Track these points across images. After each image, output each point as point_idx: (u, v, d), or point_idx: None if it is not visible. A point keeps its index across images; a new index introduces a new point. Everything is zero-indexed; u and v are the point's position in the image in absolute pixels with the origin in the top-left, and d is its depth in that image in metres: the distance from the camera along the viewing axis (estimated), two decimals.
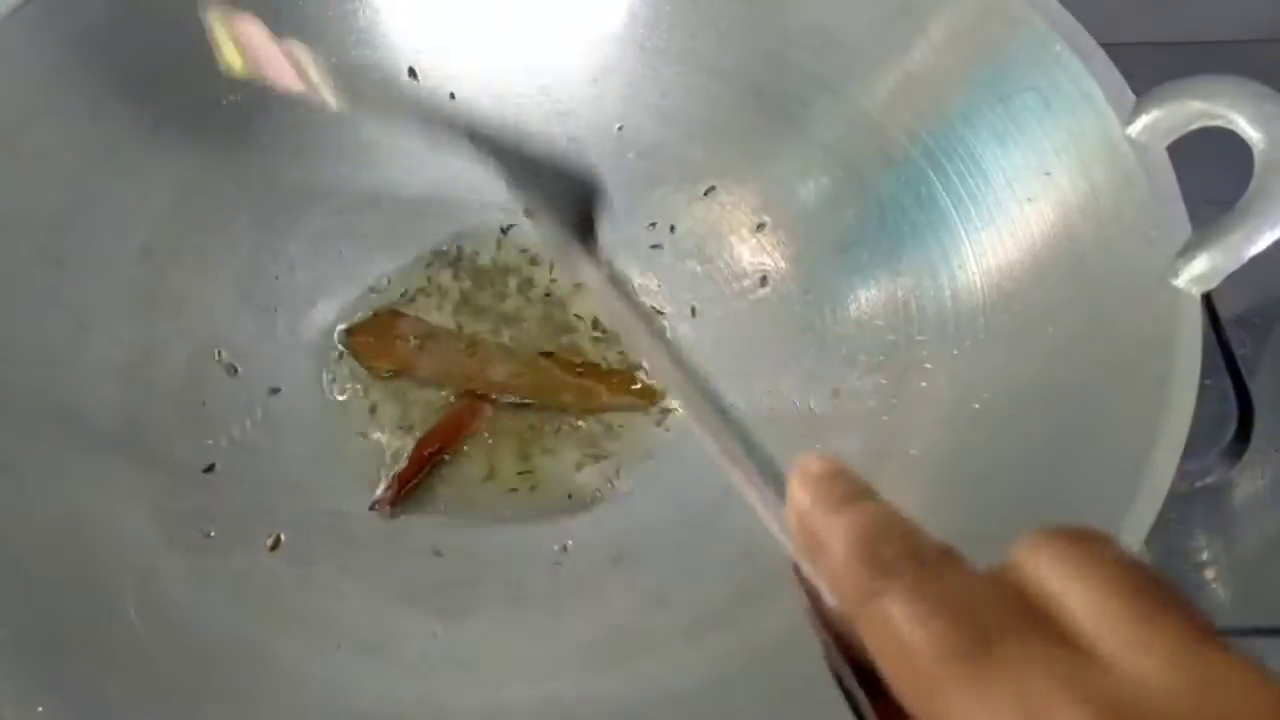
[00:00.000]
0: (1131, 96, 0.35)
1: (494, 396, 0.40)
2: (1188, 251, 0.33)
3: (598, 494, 0.38)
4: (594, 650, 0.34)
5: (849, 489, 0.19)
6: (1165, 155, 0.35)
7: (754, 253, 0.43)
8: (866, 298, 0.41)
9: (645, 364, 0.40)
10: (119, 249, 0.40)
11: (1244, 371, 0.46)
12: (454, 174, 0.45)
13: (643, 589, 0.35)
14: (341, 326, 0.42)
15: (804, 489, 0.20)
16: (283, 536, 0.36)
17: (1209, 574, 0.44)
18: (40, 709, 0.28)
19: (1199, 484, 0.44)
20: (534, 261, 0.44)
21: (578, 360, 0.41)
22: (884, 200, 0.41)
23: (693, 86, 0.45)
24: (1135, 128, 0.35)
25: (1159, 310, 0.33)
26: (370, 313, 0.42)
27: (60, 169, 0.40)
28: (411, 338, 0.41)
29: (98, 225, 0.40)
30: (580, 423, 0.40)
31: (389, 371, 0.41)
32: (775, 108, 0.44)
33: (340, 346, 0.41)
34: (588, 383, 0.41)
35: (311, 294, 0.42)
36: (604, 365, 0.41)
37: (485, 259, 0.44)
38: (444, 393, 0.41)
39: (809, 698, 0.31)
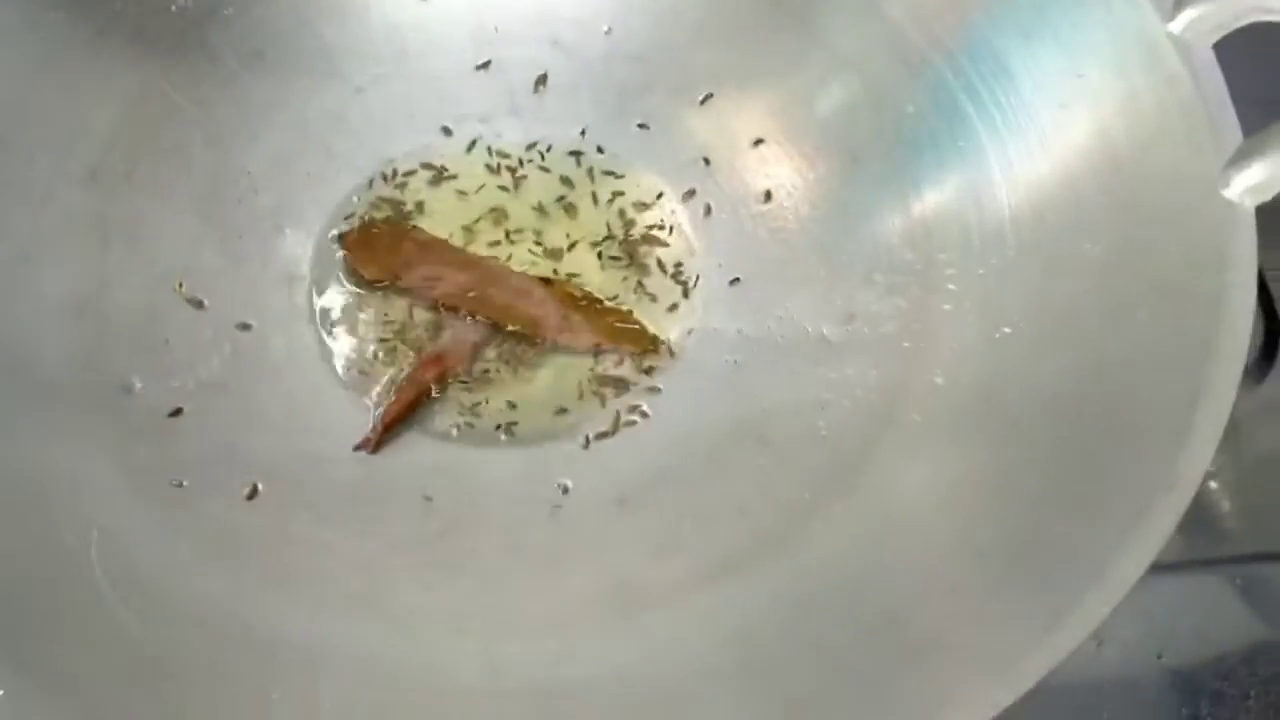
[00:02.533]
0: None
1: (486, 320, 0.37)
2: (1240, 160, 0.30)
3: (599, 429, 0.36)
4: (599, 603, 0.31)
5: None
6: (1211, 54, 0.32)
7: (757, 164, 0.40)
8: (882, 213, 0.38)
9: None
10: (63, 172, 0.37)
11: (1270, 286, 0.44)
12: (426, 83, 0.42)
13: (650, 535, 0.33)
14: (334, 231, 0.39)
15: None
16: (259, 485, 0.34)
17: (1216, 492, 0.42)
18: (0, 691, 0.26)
19: None
20: (512, 172, 0.41)
21: (579, 292, 0.38)
22: (899, 106, 0.38)
23: None
24: (1178, 24, 0.32)
25: (1208, 225, 0.30)
26: (365, 219, 0.39)
27: None
28: (405, 247, 0.38)
29: (38, 147, 0.36)
30: (578, 354, 0.37)
31: (379, 282, 0.38)
32: (777, 3, 0.40)
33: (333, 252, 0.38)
34: (582, 318, 0.38)
35: (278, 218, 0.39)
36: (603, 303, 0.38)
37: (462, 173, 0.41)
38: (431, 317, 0.37)
39: (833, 649, 0.29)
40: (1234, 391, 0.27)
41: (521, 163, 0.41)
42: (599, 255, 0.39)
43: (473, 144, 0.41)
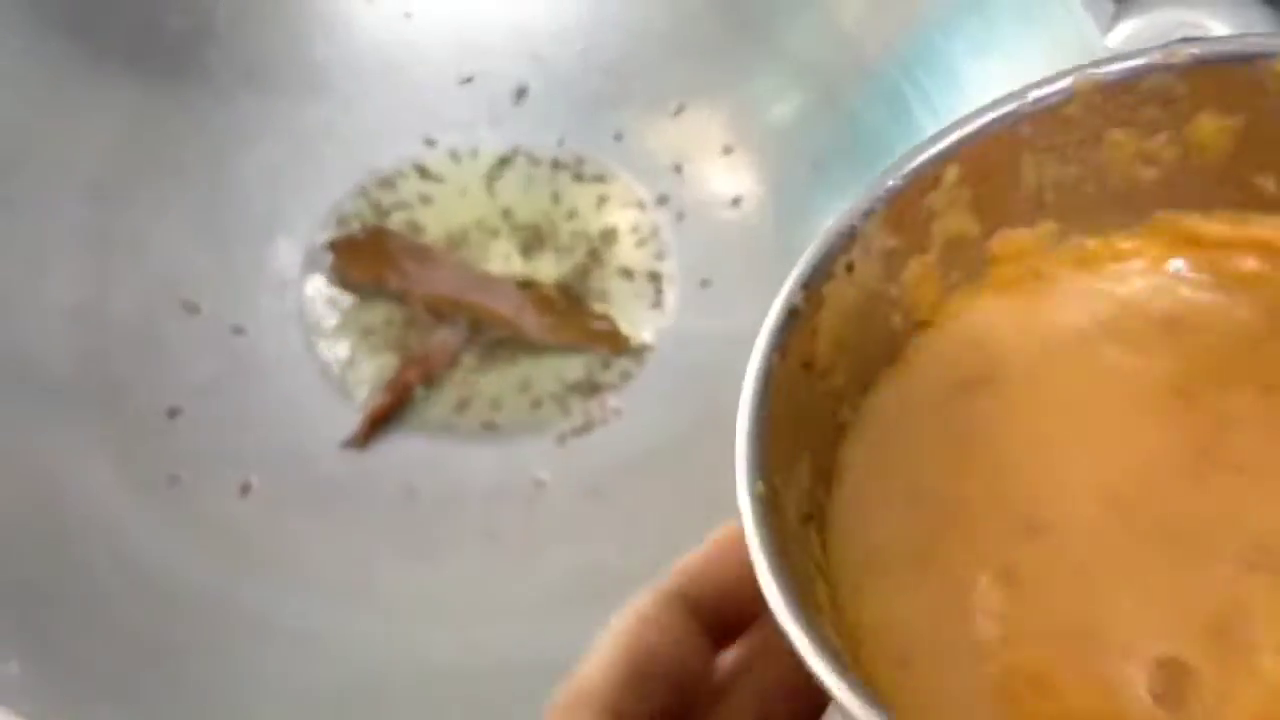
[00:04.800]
0: (1110, 5, 0.34)
1: (467, 322, 0.39)
2: None
3: (574, 425, 0.38)
4: (571, 589, 0.33)
5: None
6: None
7: (725, 172, 0.42)
8: None
9: None
10: (67, 187, 0.39)
11: None
12: (410, 96, 0.44)
13: (620, 525, 0.35)
14: (323, 238, 0.41)
15: None
16: (253, 480, 0.36)
17: None
18: (14, 664, 0.28)
19: None
20: (495, 180, 0.43)
21: (556, 294, 0.40)
22: (858, 116, 0.40)
23: None
24: (1115, 38, 0.34)
25: None
26: (357, 226, 0.41)
27: (1, 108, 0.38)
28: (391, 252, 0.40)
29: (44, 163, 0.39)
30: (555, 354, 0.39)
31: (365, 286, 0.40)
32: (745, 18, 0.42)
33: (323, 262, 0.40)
34: (560, 320, 0.40)
35: (270, 227, 0.41)
36: (581, 304, 0.40)
37: (446, 180, 0.43)
38: (415, 319, 0.40)
39: None
40: None
41: (503, 169, 0.43)
42: (576, 259, 0.41)
43: (456, 153, 0.43)
